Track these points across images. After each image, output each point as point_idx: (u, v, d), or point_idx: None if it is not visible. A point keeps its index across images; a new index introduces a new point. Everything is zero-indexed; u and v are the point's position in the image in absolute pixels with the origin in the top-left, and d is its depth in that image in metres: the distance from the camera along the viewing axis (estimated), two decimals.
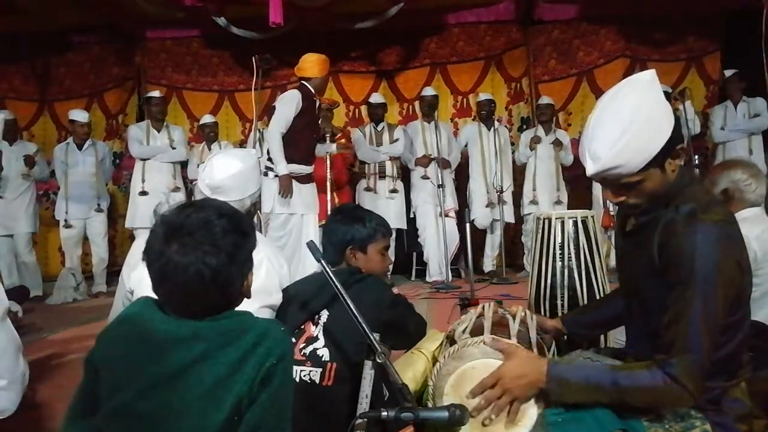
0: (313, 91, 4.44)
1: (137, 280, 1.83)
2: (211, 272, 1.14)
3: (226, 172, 2.03)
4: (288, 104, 4.32)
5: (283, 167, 4.25)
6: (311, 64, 4.42)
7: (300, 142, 4.38)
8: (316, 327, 1.78)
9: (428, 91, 6.01)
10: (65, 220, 5.68)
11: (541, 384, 1.36)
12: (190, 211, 1.18)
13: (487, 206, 5.81)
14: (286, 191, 4.28)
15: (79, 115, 5.77)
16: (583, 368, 1.41)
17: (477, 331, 1.54)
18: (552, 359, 1.49)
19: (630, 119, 1.31)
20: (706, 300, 1.27)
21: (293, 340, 1.77)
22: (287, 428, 1.18)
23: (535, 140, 5.87)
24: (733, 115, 5.73)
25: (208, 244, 1.14)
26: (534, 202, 5.87)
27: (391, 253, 5.99)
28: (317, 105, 4.66)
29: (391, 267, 5.73)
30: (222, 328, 1.17)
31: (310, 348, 1.75)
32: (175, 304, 1.18)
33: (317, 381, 1.70)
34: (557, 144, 5.87)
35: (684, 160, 1.41)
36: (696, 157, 5.29)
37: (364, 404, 1.46)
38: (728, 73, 5.78)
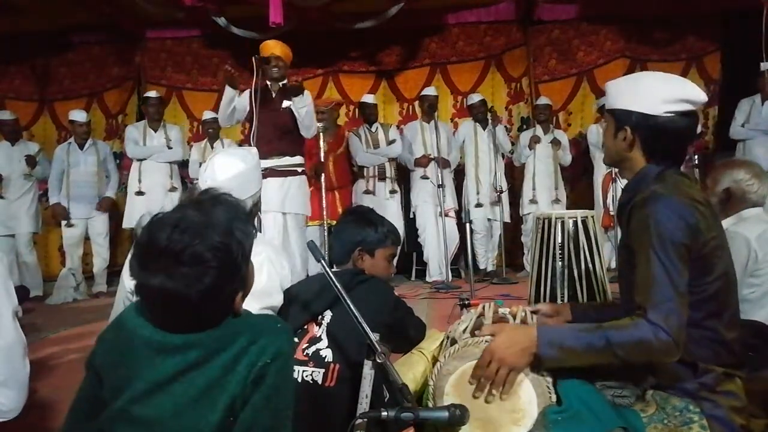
0: (267, 82, 4.25)
1: None
2: (193, 297, 1.10)
3: (228, 173, 2.01)
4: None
5: None
6: (273, 46, 4.23)
7: (257, 136, 4.22)
8: (319, 327, 1.78)
9: (430, 91, 5.98)
10: (67, 220, 5.67)
11: (534, 349, 1.36)
12: (178, 235, 1.10)
13: (477, 206, 5.78)
14: None
15: (78, 115, 5.76)
16: (572, 330, 1.42)
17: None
18: (540, 324, 1.49)
19: (644, 75, 1.58)
20: (664, 257, 1.34)
21: (296, 340, 1.77)
22: (285, 428, 1.17)
23: (535, 140, 5.86)
24: (758, 112, 5.47)
25: (192, 277, 1.09)
26: (533, 201, 5.87)
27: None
28: (275, 95, 4.31)
29: (393, 275, 5.71)
30: (216, 334, 1.16)
31: (313, 348, 1.75)
32: (153, 318, 1.16)
33: (320, 381, 1.70)
34: (555, 143, 5.86)
35: (630, 142, 1.51)
36: (695, 156, 5.28)
37: (364, 404, 1.46)
38: (765, 66, 5.25)
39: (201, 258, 1.09)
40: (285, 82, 4.30)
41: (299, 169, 4.31)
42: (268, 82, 4.28)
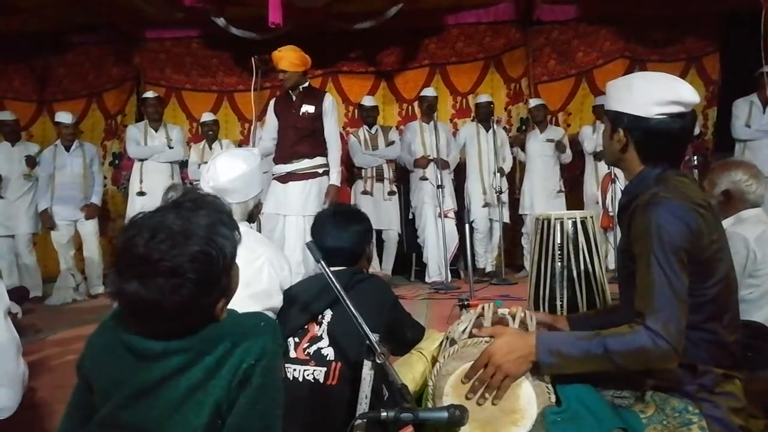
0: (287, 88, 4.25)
1: None
2: (169, 307, 1.07)
3: (230, 174, 2.00)
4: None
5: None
6: (278, 58, 4.16)
7: (278, 142, 4.27)
8: (320, 327, 1.78)
9: (429, 92, 5.99)
10: (53, 227, 5.61)
11: (532, 357, 1.36)
12: (155, 244, 1.06)
13: (483, 207, 5.81)
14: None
15: (63, 117, 5.74)
16: (570, 337, 1.42)
17: None
18: (539, 331, 1.50)
19: (637, 77, 1.54)
20: (665, 263, 1.33)
21: (296, 340, 1.77)
22: (275, 428, 1.15)
23: (519, 140, 5.90)
24: (759, 112, 5.45)
25: (168, 289, 1.06)
26: (531, 200, 5.88)
27: (391, 255, 5.96)
28: (295, 98, 4.27)
29: (390, 272, 5.76)
30: (198, 340, 1.14)
31: (314, 347, 1.75)
32: (131, 324, 1.14)
33: (321, 380, 1.70)
34: (550, 141, 5.88)
35: (624, 144, 1.51)
36: (695, 157, 5.28)
37: (363, 405, 1.46)
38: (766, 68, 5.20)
39: (178, 270, 1.06)
40: (306, 85, 4.30)
41: (320, 170, 4.27)
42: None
